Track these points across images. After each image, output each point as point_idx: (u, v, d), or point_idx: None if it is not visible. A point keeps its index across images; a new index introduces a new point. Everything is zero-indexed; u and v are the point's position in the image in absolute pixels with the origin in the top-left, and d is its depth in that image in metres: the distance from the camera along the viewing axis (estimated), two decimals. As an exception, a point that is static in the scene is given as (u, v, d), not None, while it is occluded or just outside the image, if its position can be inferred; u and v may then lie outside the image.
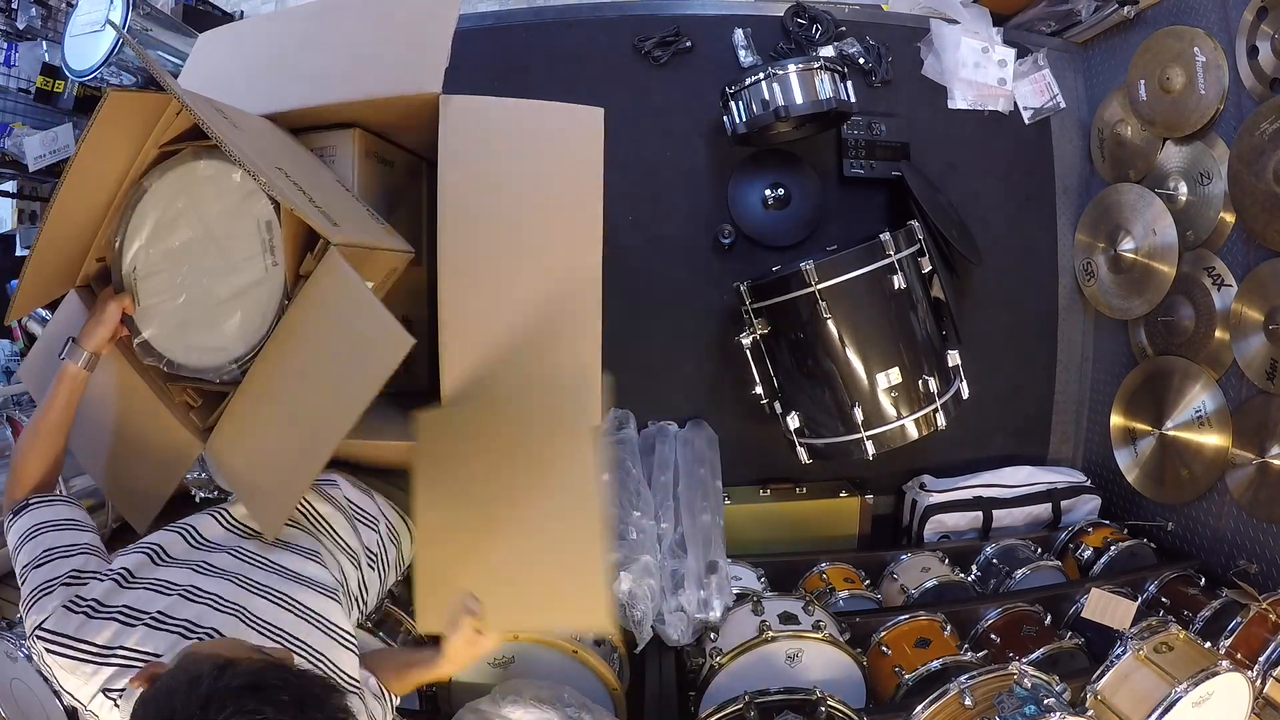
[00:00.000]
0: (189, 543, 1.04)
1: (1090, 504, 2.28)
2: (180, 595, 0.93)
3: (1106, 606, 1.63)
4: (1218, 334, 1.93)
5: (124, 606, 0.89)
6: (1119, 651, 1.41)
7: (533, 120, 1.29)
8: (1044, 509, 2.23)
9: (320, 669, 0.92)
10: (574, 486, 1.13)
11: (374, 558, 1.25)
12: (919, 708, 1.28)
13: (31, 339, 2.47)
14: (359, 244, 1.10)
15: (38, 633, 0.86)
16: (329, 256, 1.05)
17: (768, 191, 2.22)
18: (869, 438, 1.84)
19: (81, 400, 1.14)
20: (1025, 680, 1.27)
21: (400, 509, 1.40)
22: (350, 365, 1.04)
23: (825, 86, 1.89)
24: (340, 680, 0.94)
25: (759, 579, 1.92)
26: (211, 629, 0.90)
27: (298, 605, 0.99)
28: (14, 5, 2.39)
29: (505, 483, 1.15)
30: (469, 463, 1.16)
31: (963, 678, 1.29)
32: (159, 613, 0.89)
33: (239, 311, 1.11)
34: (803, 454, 1.97)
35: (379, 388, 1.01)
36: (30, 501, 1.04)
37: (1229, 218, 1.90)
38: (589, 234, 1.27)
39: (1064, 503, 2.24)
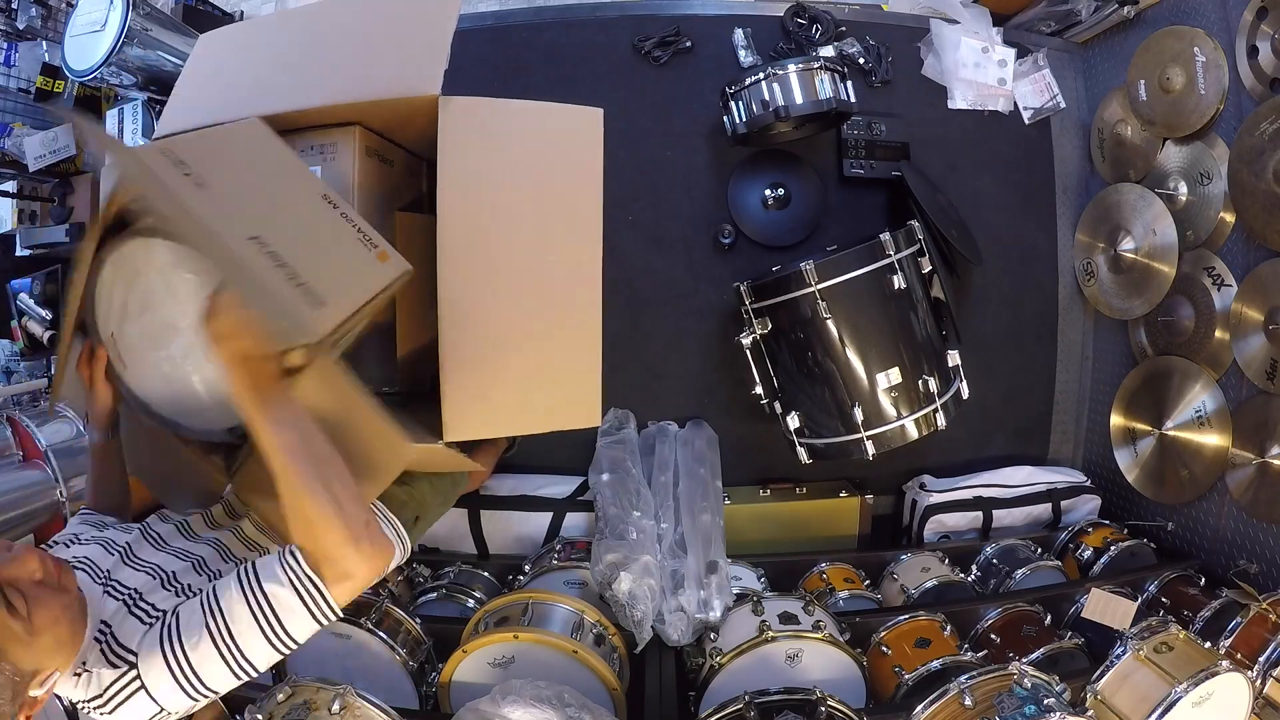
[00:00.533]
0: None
1: (1090, 504, 2.28)
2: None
3: (1106, 606, 1.63)
4: (1218, 334, 1.93)
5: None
6: (1119, 651, 1.41)
7: (532, 121, 1.29)
8: (1044, 509, 2.23)
9: None
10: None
11: None
12: (919, 708, 1.28)
13: (32, 339, 2.47)
14: (350, 316, 1.04)
15: None
16: (319, 361, 0.98)
17: (768, 191, 2.22)
18: (869, 438, 1.84)
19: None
20: (1025, 680, 1.27)
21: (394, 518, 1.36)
22: (350, 458, 0.98)
23: (825, 86, 1.89)
24: None
25: (759, 579, 1.92)
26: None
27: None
28: (14, 5, 2.39)
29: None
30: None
31: (963, 678, 1.29)
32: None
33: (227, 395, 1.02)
34: (803, 454, 1.97)
35: (379, 493, 1.06)
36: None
37: (1229, 218, 1.90)
38: (589, 234, 1.27)
39: (1064, 503, 2.24)
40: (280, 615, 0.87)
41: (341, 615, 0.93)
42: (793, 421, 1.94)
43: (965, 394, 1.99)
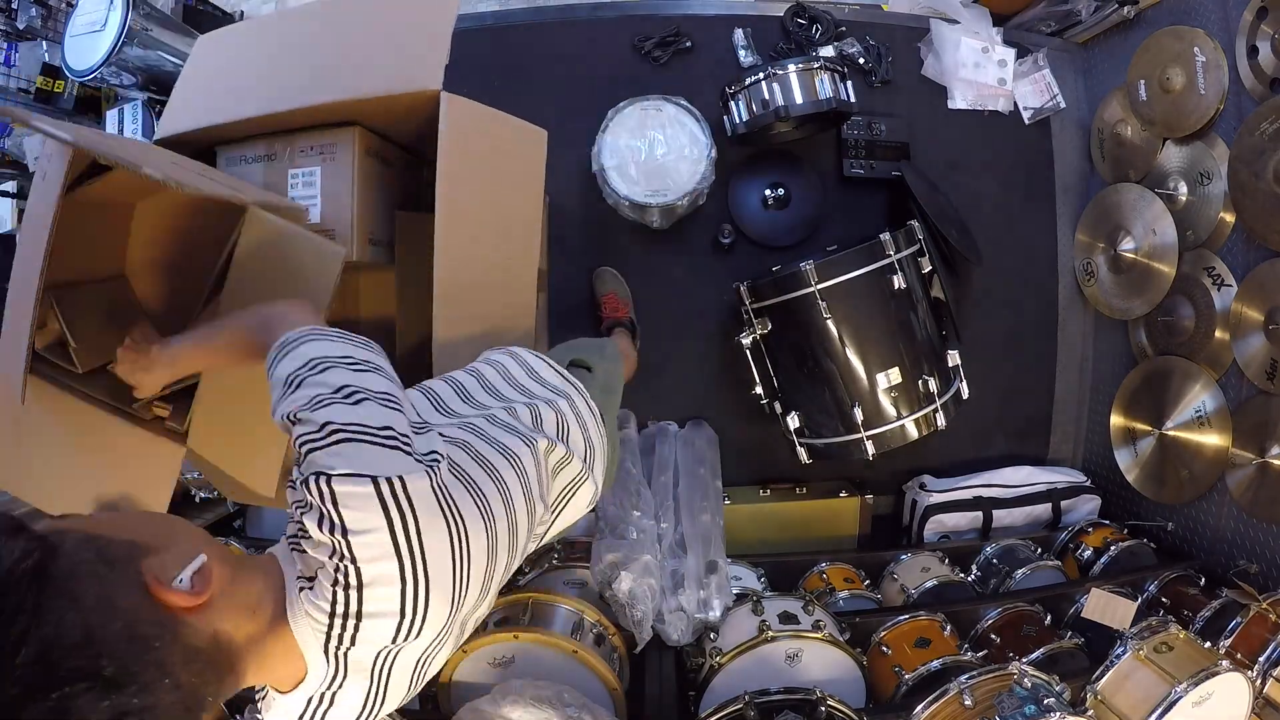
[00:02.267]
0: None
1: (1090, 504, 2.28)
2: None
3: (1106, 606, 1.63)
4: (1218, 334, 1.93)
5: None
6: (1119, 651, 1.41)
7: (498, 129, 1.31)
8: (1044, 509, 2.23)
9: None
10: None
11: None
12: (919, 708, 1.28)
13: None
14: (268, 203, 1.15)
15: None
16: (247, 216, 1.10)
17: (768, 191, 2.22)
18: (869, 438, 1.84)
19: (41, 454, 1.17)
20: (1025, 680, 1.27)
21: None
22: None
23: (825, 86, 1.89)
24: None
25: (759, 579, 1.92)
26: None
27: None
28: (14, 5, 2.39)
29: None
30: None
31: (963, 678, 1.29)
32: None
33: None
34: (803, 454, 1.97)
35: (326, 306, 1.06)
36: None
37: (1229, 218, 1.90)
38: (531, 240, 1.35)
39: (1064, 503, 2.24)
40: None
41: None
42: (793, 421, 1.94)
43: (965, 394, 1.99)
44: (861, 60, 2.22)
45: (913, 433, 1.85)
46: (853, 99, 1.97)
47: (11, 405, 1.07)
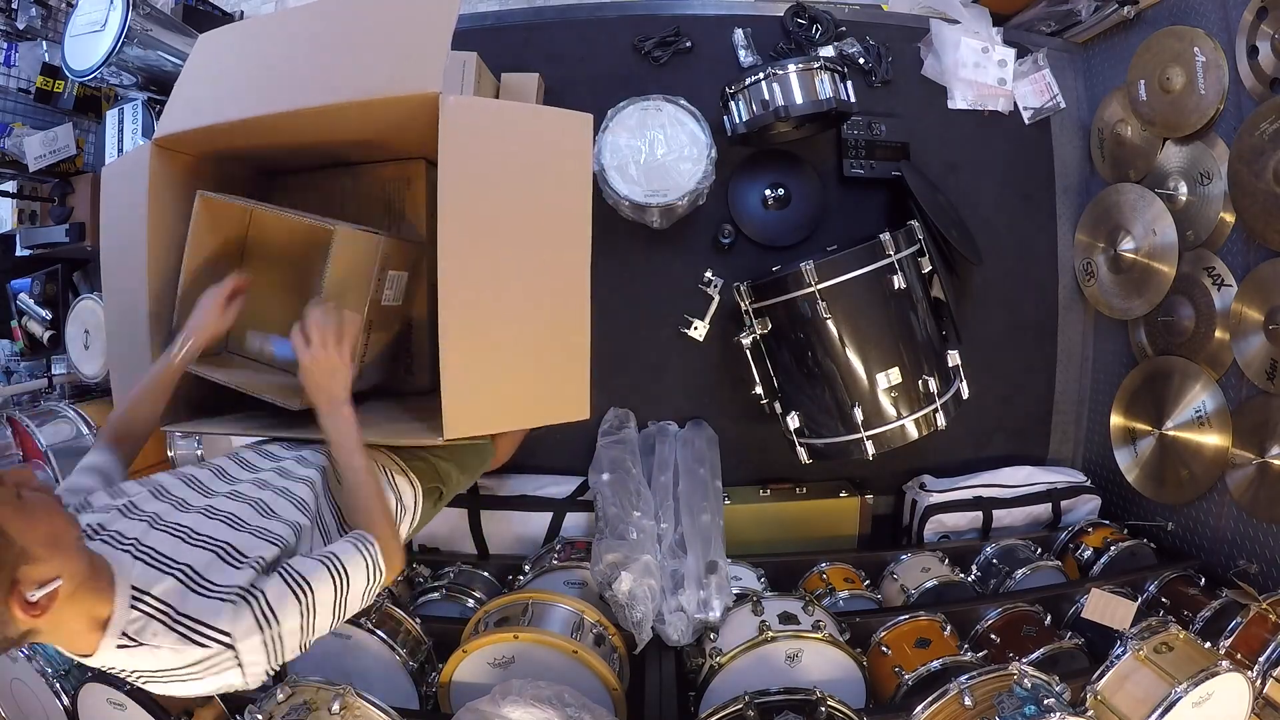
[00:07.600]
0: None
1: (1090, 504, 2.28)
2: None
3: (1106, 606, 1.63)
4: (1218, 334, 1.93)
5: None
6: (1119, 651, 1.41)
7: (525, 122, 1.29)
8: (1044, 509, 2.24)
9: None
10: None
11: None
12: (919, 708, 1.28)
13: (32, 339, 2.47)
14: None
15: None
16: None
17: (768, 191, 2.22)
18: (869, 438, 1.84)
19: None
20: (1025, 680, 1.27)
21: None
22: None
23: (825, 86, 1.89)
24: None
25: (759, 579, 1.92)
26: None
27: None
28: (14, 5, 2.39)
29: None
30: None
31: (963, 678, 1.29)
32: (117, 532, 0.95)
33: None
34: (803, 454, 1.97)
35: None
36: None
37: (1229, 218, 1.90)
38: (578, 233, 1.30)
39: (1064, 503, 2.24)
40: (351, 590, 1.01)
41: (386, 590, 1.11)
42: (793, 421, 1.94)
43: (965, 394, 2.00)
44: (861, 60, 2.22)
45: (913, 433, 1.85)
46: (853, 99, 1.97)
47: None
